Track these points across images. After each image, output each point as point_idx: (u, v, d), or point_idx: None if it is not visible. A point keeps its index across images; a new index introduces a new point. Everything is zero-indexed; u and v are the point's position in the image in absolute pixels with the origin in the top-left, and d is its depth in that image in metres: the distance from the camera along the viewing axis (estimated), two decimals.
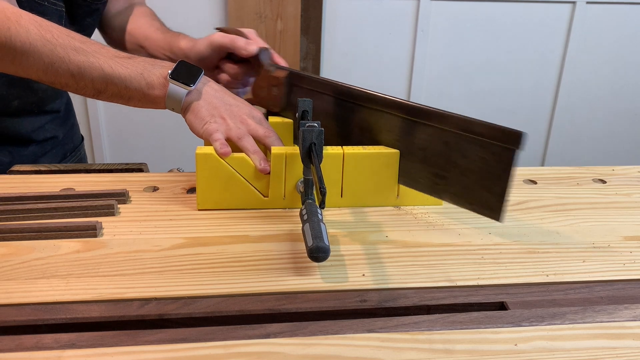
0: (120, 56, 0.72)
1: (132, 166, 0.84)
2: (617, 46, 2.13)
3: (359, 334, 0.50)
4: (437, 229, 0.69)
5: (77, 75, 0.70)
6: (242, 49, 0.81)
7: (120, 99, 0.73)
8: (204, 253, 0.62)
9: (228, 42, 0.82)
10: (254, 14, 1.86)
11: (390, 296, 0.56)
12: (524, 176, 0.84)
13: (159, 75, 0.71)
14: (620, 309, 0.55)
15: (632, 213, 0.75)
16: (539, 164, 2.29)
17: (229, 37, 0.82)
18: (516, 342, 0.49)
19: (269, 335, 0.49)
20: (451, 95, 2.12)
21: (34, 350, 0.47)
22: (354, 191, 0.73)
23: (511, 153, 0.61)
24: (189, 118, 0.72)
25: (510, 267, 0.61)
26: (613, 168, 0.88)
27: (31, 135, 0.94)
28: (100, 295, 0.54)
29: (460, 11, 2.01)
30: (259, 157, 0.70)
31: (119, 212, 0.70)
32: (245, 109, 0.74)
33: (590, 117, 2.24)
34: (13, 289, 0.54)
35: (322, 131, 0.63)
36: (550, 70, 2.14)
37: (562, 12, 2.05)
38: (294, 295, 0.56)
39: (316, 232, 0.57)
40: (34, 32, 0.68)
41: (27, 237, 0.63)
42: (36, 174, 0.81)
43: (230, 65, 0.85)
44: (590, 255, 0.64)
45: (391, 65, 2.06)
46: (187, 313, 0.52)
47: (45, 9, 0.83)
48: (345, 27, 1.98)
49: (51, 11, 0.84)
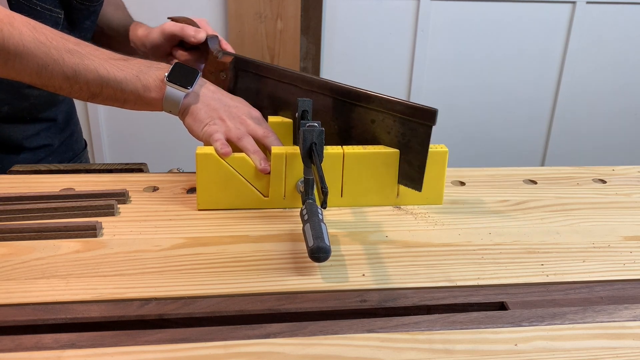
0: (115, 58, 0.71)
1: (132, 166, 0.84)
2: (617, 46, 2.13)
3: (359, 334, 0.50)
4: (437, 229, 0.69)
5: (71, 77, 0.69)
6: (191, 36, 0.85)
7: (116, 101, 0.72)
8: (204, 253, 0.62)
9: (178, 30, 0.85)
10: (254, 14, 1.86)
11: (390, 296, 0.56)
12: (524, 176, 0.84)
13: (155, 77, 0.71)
14: (620, 309, 0.55)
15: (632, 213, 0.75)
16: (539, 164, 2.28)
17: (179, 26, 0.86)
18: (516, 342, 0.49)
19: (269, 335, 0.49)
20: (451, 95, 2.12)
21: (34, 350, 0.47)
22: (354, 191, 0.73)
23: (428, 129, 0.69)
24: (187, 121, 0.72)
25: (510, 267, 0.61)
26: (613, 168, 0.88)
27: (23, 142, 0.93)
28: (100, 295, 0.54)
29: (460, 11, 2.01)
30: (259, 157, 0.70)
31: (119, 212, 0.70)
32: (243, 109, 0.74)
33: (591, 117, 2.23)
34: (13, 289, 0.54)
35: (323, 131, 0.63)
36: (550, 70, 2.14)
37: (562, 12, 2.05)
38: (294, 295, 0.56)
39: (317, 232, 0.57)
40: (27, 34, 0.67)
41: (27, 237, 0.63)
42: (36, 174, 0.81)
43: (181, 52, 0.89)
44: (590, 255, 0.64)
45: (391, 65, 2.06)
46: (187, 313, 0.52)
47: (40, 15, 0.82)
48: (345, 27, 1.98)
49: (47, 17, 0.83)
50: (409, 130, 0.70)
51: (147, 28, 0.93)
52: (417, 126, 0.70)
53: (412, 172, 0.72)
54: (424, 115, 0.69)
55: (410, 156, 0.71)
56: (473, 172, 0.85)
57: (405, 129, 0.71)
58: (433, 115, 0.68)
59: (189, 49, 0.88)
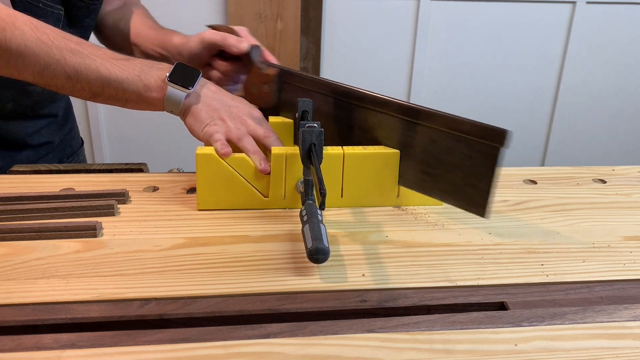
0: (117, 58, 0.72)
1: (132, 166, 0.84)
2: (617, 46, 2.13)
3: (359, 334, 0.50)
4: (437, 229, 0.69)
5: (73, 77, 0.70)
6: (233, 46, 0.81)
7: (117, 101, 0.72)
8: (204, 253, 0.62)
9: (219, 39, 0.82)
10: (254, 14, 1.86)
11: (390, 296, 0.56)
12: (524, 176, 0.84)
13: (156, 77, 0.71)
14: (620, 309, 0.55)
15: (632, 213, 0.75)
16: (539, 164, 2.29)
17: (220, 35, 0.82)
18: (516, 342, 0.49)
19: (269, 335, 0.49)
20: (451, 95, 2.12)
21: (34, 350, 0.47)
22: (354, 191, 0.73)
23: (496, 151, 0.63)
24: (188, 122, 0.72)
25: (510, 267, 0.61)
26: (613, 168, 0.88)
27: (26, 139, 0.94)
28: (100, 295, 0.54)
29: (460, 11, 2.01)
30: (259, 157, 0.70)
31: (119, 212, 0.70)
32: (244, 110, 0.74)
33: (590, 117, 2.24)
34: (13, 289, 0.54)
35: (322, 132, 0.63)
36: (550, 70, 2.14)
37: (562, 12, 2.05)
38: (294, 295, 0.56)
39: (316, 233, 0.57)
40: (29, 33, 0.68)
41: (27, 237, 0.63)
42: (36, 174, 0.81)
43: (221, 63, 0.85)
44: (590, 255, 0.64)
45: (391, 65, 2.06)
46: (187, 313, 0.52)
47: (42, 12, 0.82)
48: (345, 27, 1.98)
49: (48, 14, 0.83)
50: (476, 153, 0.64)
51: (184, 37, 0.88)
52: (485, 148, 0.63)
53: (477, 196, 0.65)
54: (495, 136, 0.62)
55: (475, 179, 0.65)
56: None
57: (471, 150, 0.64)
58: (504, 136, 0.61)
59: (229, 59, 0.85)
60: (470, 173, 0.65)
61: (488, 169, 0.64)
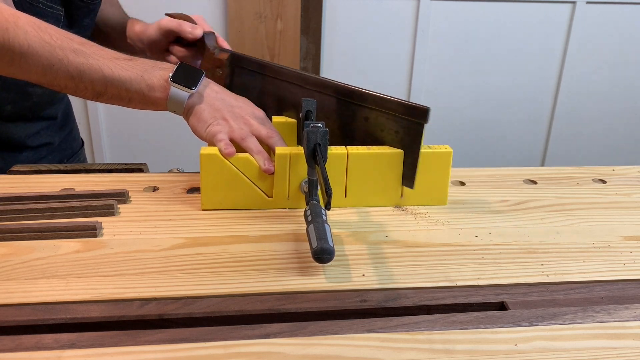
0: (119, 58, 0.72)
1: (132, 166, 0.84)
2: (617, 46, 2.13)
3: (359, 334, 0.50)
4: (437, 229, 0.69)
5: (76, 77, 0.70)
6: (188, 32, 0.85)
7: (121, 101, 0.73)
8: (204, 253, 0.62)
9: (175, 26, 0.86)
10: (254, 14, 1.86)
11: (391, 296, 0.56)
12: (524, 176, 0.84)
13: (159, 77, 0.71)
14: (620, 309, 0.55)
15: (632, 213, 0.75)
16: (539, 164, 2.28)
17: (176, 22, 0.87)
18: (516, 342, 0.49)
19: (269, 335, 0.49)
20: (451, 95, 2.12)
21: (34, 350, 0.47)
22: (358, 191, 0.73)
23: (420, 127, 0.70)
24: (191, 122, 0.72)
25: (510, 267, 0.61)
26: (613, 168, 0.88)
27: (25, 141, 0.94)
28: (100, 295, 0.54)
29: (460, 11, 2.01)
30: (262, 157, 0.70)
31: (119, 212, 0.70)
32: (247, 109, 0.74)
33: (590, 117, 2.23)
34: (13, 289, 0.54)
35: (327, 131, 0.63)
36: (550, 70, 2.14)
37: (562, 12, 2.05)
38: (294, 295, 0.56)
39: (321, 233, 0.57)
40: (32, 33, 0.68)
41: (27, 237, 0.63)
42: (36, 174, 0.81)
43: (178, 49, 0.89)
44: (590, 255, 0.64)
45: (391, 65, 2.06)
46: (187, 313, 0.52)
47: (42, 12, 0.82)
48: (345, 27, 1.98)
49: (48, 14, 0.84)
50: (401, 128, 0.71)
51: (144, 24, 0.93)
52: (410, 124, 0.70)
53: (405, 168, 0.73)
54: (417, 113, 0.69)
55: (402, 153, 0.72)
56: (473, 172, 0.85)
57: (398, 126, 0.71)
58: (426, 112, 0.69)
59: (186, 45, 0.89)
60: (398, 147, 0.72)
61: (413, 143, 0.71)
